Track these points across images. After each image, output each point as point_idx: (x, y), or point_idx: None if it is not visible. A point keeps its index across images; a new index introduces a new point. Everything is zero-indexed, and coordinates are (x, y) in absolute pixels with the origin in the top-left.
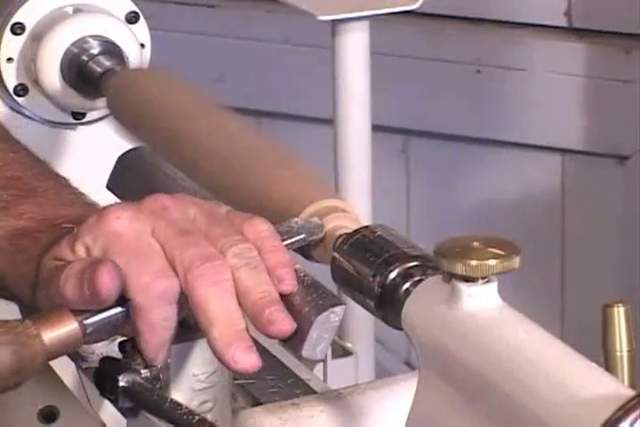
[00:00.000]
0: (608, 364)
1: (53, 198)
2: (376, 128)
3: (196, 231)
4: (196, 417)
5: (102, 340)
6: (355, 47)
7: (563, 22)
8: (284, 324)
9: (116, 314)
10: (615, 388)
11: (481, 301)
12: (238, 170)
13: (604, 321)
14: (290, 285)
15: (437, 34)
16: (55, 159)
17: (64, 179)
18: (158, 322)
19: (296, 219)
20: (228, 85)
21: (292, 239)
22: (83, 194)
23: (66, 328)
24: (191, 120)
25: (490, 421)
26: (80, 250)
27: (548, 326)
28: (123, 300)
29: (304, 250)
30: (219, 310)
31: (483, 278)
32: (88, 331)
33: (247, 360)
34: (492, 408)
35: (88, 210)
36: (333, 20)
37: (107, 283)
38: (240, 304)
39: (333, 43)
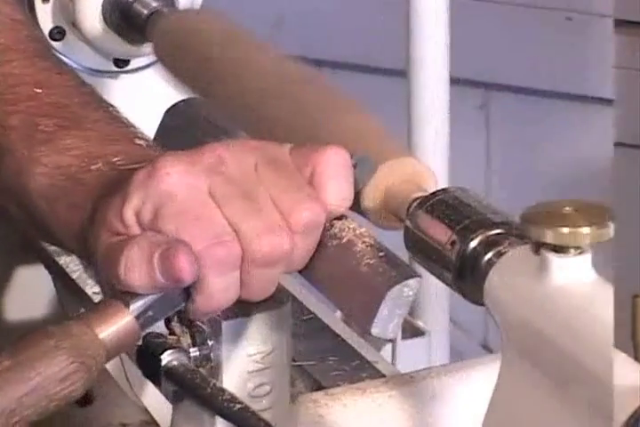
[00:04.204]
0: (638, 354)
1: (101, 131)
2: (454, 81)
3: (259, 192)
4: (238, 405)
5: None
6: None
7: None
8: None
9: (171, 292)
10: None
11: (573, 274)
12: (303, 120)
13: (633, 312)
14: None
15: None
16: None
17: (113, 107)
18: (216, 292)
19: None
20: (285, 31)
21: None
22: (133, 126)
23: (122, 323)
24: (250, 67)
25: (583, 410)
26: (129, 217)
27: None
28: None
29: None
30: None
31: (575, 249)
32: (142, 320)
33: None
34: (585, 396)
35: (138, 148)
36: None
37: (187, 269)
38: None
39: None
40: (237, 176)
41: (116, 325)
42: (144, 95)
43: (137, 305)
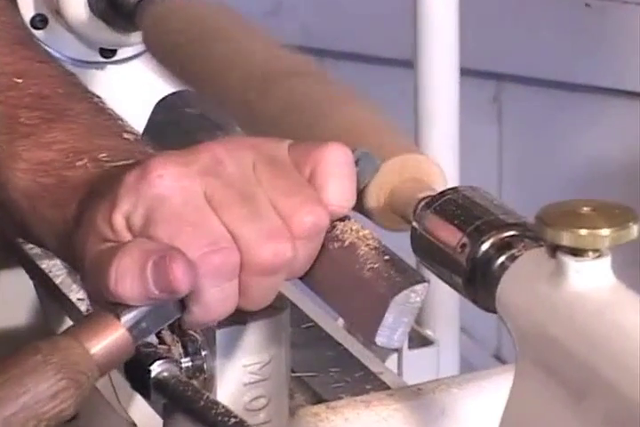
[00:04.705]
0: None
1: (87, 125)
2: (464, 72)
3: (258, 195)
4: (233, 419)
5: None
6: None
7: None
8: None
9: (165, 303)
10: None
11: (591, 278)
12: (302, 114)
13: None
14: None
15: None
16: None
17: (99, 99)
18: (213, 302)
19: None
20: (283, 18)
21: None
22: (121, 119)
23: (113, 336)
24: (246, 58)
25: (599, 423)
26: (118, 223)
27: None
28: None
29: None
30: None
31: (594, 251)
32: (135, 333)
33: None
34: (606, 409)
35: (126, 143)
36: None
37: (183, 279)
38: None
39: None
40: (235, 178)
41: (108, 338)
42: (132, 87)
43: (129, 317)
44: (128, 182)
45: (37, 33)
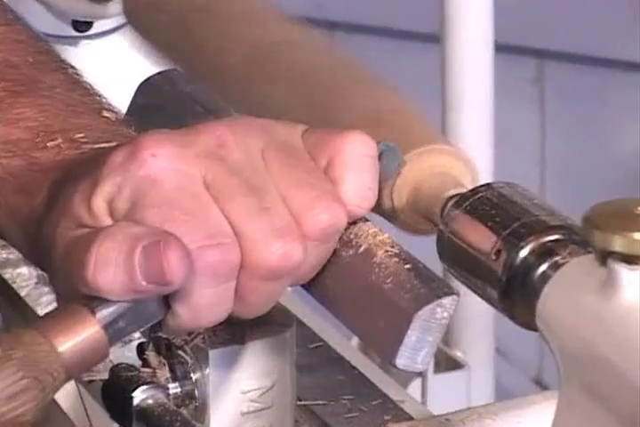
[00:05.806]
0: None
1: (61, 100)
2: (500, 48)
3: (267, 185)
4: None
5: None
6: None
7: None
8: None
9: (148, 300)
10: None
11: None
12: (309, 98)
13: None
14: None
15: None
16: None
17: (74, 69)
18: (204, 306)
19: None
20: None
21: None
22: (99, 94)
23: (86, 333)
24: (247, 31)
25: None
26: (99, 206)
27: None
28: None
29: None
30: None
31: None
32: (111, 331)
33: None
34: None
35: (107, 122)
36: None
37: (179, 270)
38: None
39: None
40: (241, 164)
41: (79, 336)
42: (110, 66)
43: (105, 313)
44: (114, 161)
45: None
